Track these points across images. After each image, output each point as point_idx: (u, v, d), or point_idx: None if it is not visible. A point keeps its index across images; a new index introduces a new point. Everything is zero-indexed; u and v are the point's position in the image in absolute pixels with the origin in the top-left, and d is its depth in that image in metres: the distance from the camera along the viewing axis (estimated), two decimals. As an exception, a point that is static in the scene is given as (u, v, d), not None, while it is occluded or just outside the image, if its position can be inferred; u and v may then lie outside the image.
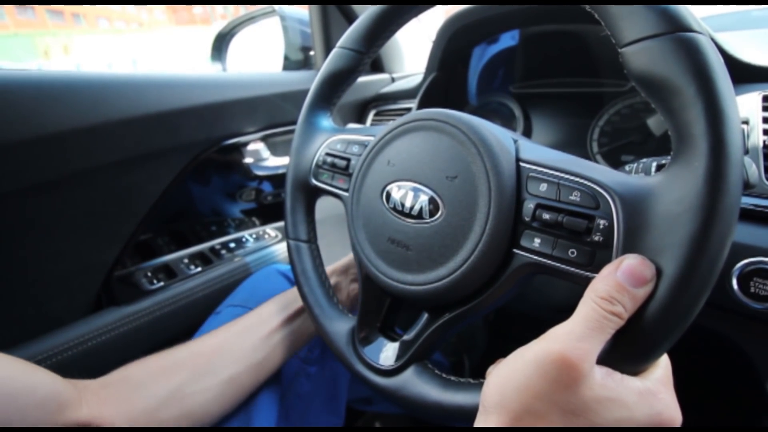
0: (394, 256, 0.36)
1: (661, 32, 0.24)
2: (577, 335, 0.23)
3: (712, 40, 0.25)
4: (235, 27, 0.95)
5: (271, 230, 0.78)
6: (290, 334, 0.51)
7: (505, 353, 0.28)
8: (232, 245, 0.71)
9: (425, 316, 0.37)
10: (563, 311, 0.29)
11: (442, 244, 0.33)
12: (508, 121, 0.71)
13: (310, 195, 0.49)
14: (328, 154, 0.46)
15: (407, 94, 0.77)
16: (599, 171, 0.28)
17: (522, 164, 0.32)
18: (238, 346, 0.47)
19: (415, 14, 0.43)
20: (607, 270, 0.25)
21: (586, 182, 0.28)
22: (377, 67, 0.94)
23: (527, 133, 0.69)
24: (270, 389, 0.52)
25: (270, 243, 0.74)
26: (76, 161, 0.50)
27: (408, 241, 0.35)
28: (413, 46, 0.95)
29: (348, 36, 0.46)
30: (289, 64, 0.93)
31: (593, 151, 0.61)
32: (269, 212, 0.83)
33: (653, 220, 0.25)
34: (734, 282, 0.39)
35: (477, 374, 0.33)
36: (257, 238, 0.74)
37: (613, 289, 0.23)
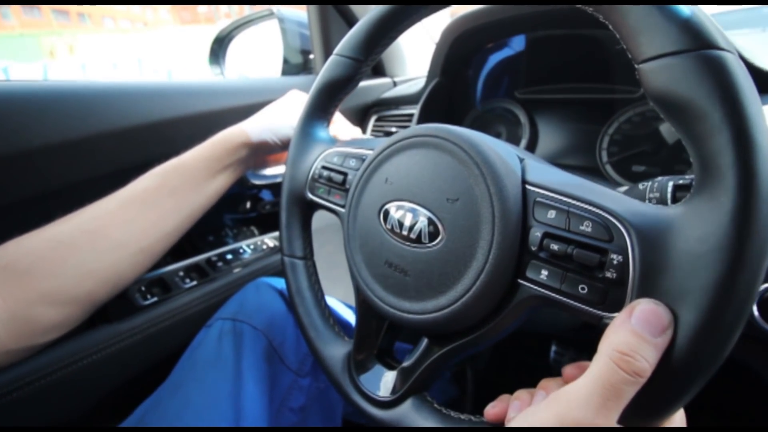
0: (391, 281, 0.34)
1: (684, 49, 0.22)
2: (595, 405, 0.21)
3: (740, 56, 0.23)
4: (233, 30, 0.93)
5: (269, 240, 0.76)
6: (201, 197, 0.50)
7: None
8: (229, 257, 0.69)
9: (425, 342, 0.35)
10: (575, 329, 0.27)
11: (442, 271, 0.31)
12: (513, 128, 0.68)
13: (306, 209, 0.47)
14: (324, 168, 0.44)
15: (410, 100, 0.75)
16: (613, 199, 0.26)
17: (528, 187, 0.29)
18: (141, 218, 0.45)
19: (416, 19, 0.40)
20: (620, 318, 0.23)
21: (598, 211, 0.26)
22: (378, 70, 0.91)
23: (533, 140, 0.66)
24: (262, 404, 0.50)
25: (268, 254, 0.73)
26: (66, 174, 0.49)
27: (406, 265, 0.33)
28: (416, 48, 0.93)
29: (345, 43, 0.43)
30: (288, 68, 0.91)
31: (602, 161, 0.58)
32: (268, 221, 0.81)
33: (673, 258, 0.22)
34: (755, 308, 0.37)
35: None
36: (255, 249, 0.73)
37: (632, 342, 0.21)
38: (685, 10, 0.23)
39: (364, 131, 0.83)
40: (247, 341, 0.54)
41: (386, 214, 0.35)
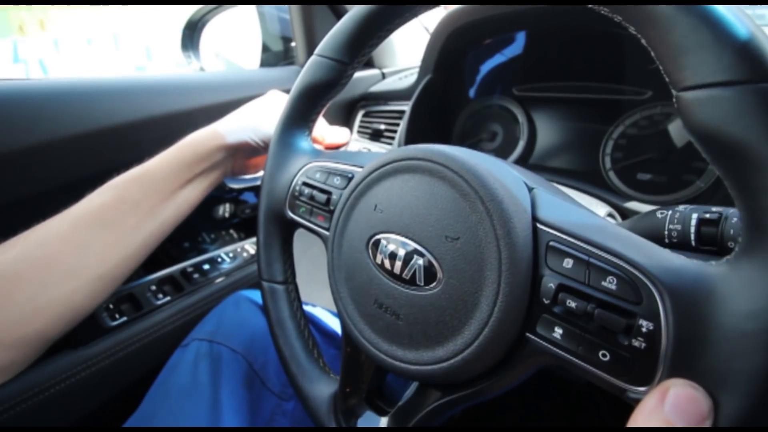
0: (381, 323, 0.31)
1: (742, 80, 0.18)
2: None
3: None
4: (206, 14, 0.85)
5: (250, 246, 0.71)
6: (170, 211, 0.44)
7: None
8: (206, 267, 0.64)
9: (420, 386, 0.31)
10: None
11: (440, 319, 0.27)
12: (510, 127, 0.64)
13: (285, 228, 0.43)
14: (305, 184, 0.40)
15: (400, 95, 0.69)
16: (642, 249, 0.22)
17: (540, 227, 0.25)
18: (98, 240, 0.40)
19: (408, 18, 0.35)
20: (652, 402, 0.19)
21: (624, 265, 0.22)
22: (366, 61, 0.85)
23: (531, 140, 0.62)
24: None
25: (249, 261, 0.68)
26: (7, 190, 0.43)
27: (398, 308, 0.29)
28: (406, 36, 0.87)
29: (328, 42, 0.38)
30: (268, 57, 0.84)
31: (605, 167, 0.54)
32: (249, 224, 0.76)
33: (714, 333, 0.19)
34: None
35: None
36: (234, 257, 0.68)
37: None
38: (743, 29, 0.18)
39: (350, 127, 0.78)
40: (226, 366, 0.50)
41: (375, 246, 0.31)
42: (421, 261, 0.28)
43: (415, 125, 0.64)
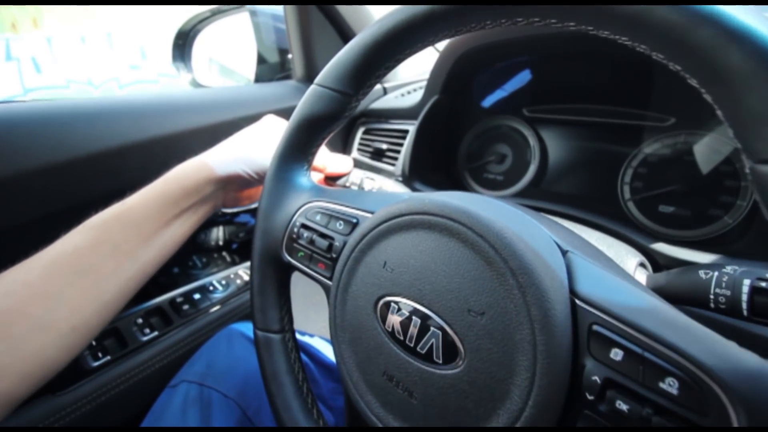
0: (391, 397, 0.27)
1: None
2: None
3: None
4: (198, 23, 0.81)
5: (243, 272, 0.67)
6: (153, 251, 0.40)
7: None
8: (197, 296, 0.60)
9: None
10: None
11: (461, 406, 0.24)
12: (520, 150, 0.60)
13: (282, 272, 0.39)
14: (304, 226, 0.36)
15: (403, 113, 0.65)
16: (706, 343, 0.19)
17: (581, 304, 0.22)
18: (72, 289, 0.35)
19: (421, 48, 0.31)
20: None
21: (687, 364, 0.18)
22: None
23: (543, 165, 0.59)
24: None
25: (242, 289, 0.64)
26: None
27: (411, 385, 0.26)
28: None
29: (331, 71, 0.34)
30: (263, 70, 0.80)
31: (624, 198, 0.51)
32: (243, 246, 0.72)
33: None
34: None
35: None
36: (227, 284, 0.64)
37: None
38: None
39: (350, 144, 0.74)
40: (217, 412, 0.47)
41: (385, 310, 0.27)
42: (439, 335, 0.25)
43: (419, 146, 0.60)
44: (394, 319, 0.27)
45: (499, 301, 0.23)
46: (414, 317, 0.26)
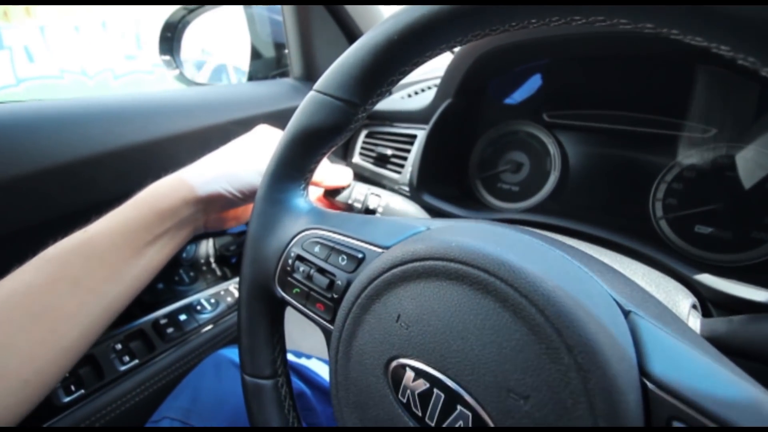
0: (406, 483, 0.22)
1: None
2: None
3: None
4: (187, 14, 0.75)
5: (234, 288, 0.62)
6: (121, 286, 0.35)
7: None
8: (183, 317, 0.55)
9: None
10: None
11: None
12: (538, 158, 0.55)
13: (274, 308, 0.34)
14: (301, 258, 0.31)
15: (411, 117, 0.60)
16: None
17: (654, 390, 0.17)
18: (24, 335, 0.30)
19: (439, 52, 0.26)
20: None
21: None
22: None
23: (564, 176, 0.53)
24: None
25: (232, 309, 0.59)
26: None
27: (432, 475, 0.21)
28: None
29: (334, 76, 0.29)
30: (258, 65, 0.74)
31: (656, 215, 0.46)
32: (233, 258, 0.67)
33: None
34: None
35: None
36: (216, 303, 0.59)
37: None
38: None
39: (351, 150, 0.69)
40: (202, 456, 0.42)
41: (398, 374, 0.22)
42: (468, 417, 0.19)
43: (429, 154, 0.55)
44: (410, 390, 0.22)
45: (550, 384, 0.18)
46: (436, 390, 0.21)
